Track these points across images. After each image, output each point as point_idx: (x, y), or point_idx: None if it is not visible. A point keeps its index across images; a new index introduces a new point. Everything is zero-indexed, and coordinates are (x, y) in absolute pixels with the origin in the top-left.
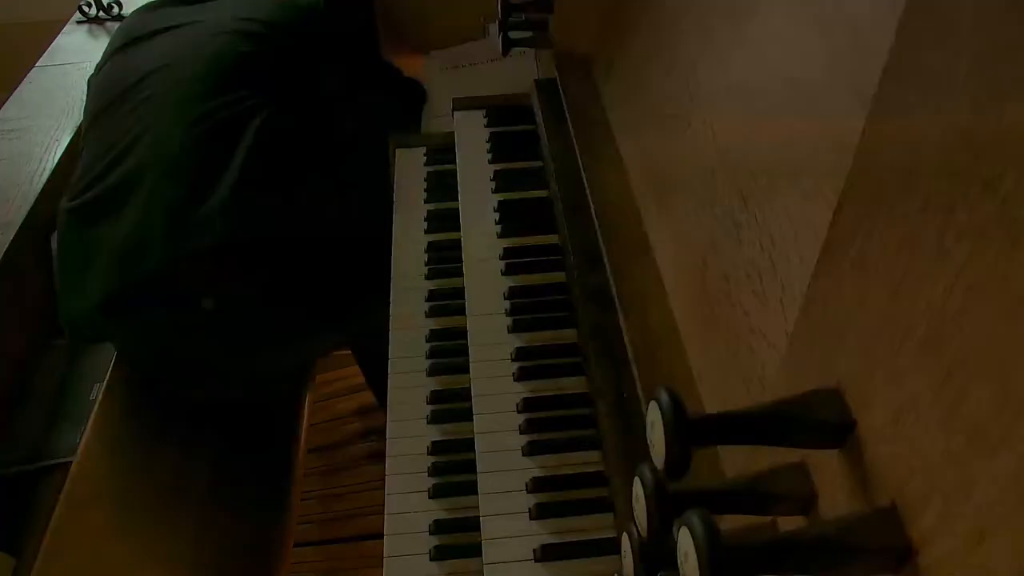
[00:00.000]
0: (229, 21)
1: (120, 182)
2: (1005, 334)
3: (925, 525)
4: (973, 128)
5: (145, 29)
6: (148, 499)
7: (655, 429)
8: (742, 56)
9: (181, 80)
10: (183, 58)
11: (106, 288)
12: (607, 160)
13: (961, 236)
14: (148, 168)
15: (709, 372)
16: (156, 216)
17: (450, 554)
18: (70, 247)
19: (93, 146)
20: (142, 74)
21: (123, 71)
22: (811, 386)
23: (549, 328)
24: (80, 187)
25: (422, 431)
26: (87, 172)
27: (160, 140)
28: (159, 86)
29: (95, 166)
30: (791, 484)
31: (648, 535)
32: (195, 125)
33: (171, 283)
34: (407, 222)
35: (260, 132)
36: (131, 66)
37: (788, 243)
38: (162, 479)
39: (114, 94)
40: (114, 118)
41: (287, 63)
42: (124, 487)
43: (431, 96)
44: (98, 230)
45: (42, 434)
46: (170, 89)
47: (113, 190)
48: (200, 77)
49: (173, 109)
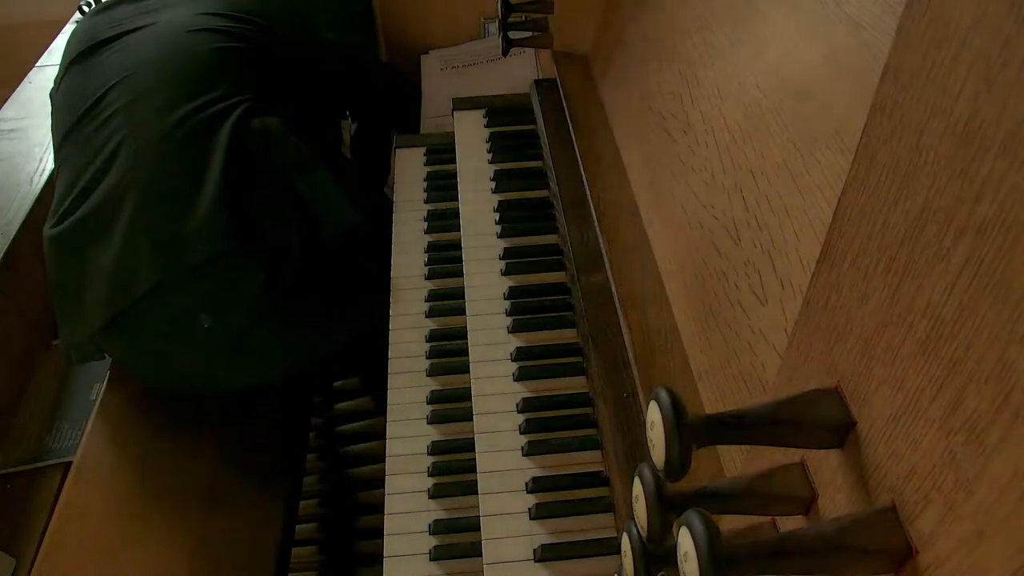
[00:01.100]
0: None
1: (100, 206)
2: (1005, 334)
3: (925, 525)
4: (973, 128)
5: (97, 37)
6: (148, 499)
7: (655, 429)
8: (742, 56)
9: (145, 91)
10: (144, 66)
11: (102, 316)
12: (607, 160)
13: (961, 236)
14: (126, 190)
15: (709, 372)
16: (141, 240)
17: (450, 554)
18: (61, 276)
19: (66, 169)
20: (103, 88)
21: (82, 87)
22: (811, 386)
23: (549, 328)
24: (60, 212)
25: (422, 431)
26: (65, 196)
27: (134, 159)
28: (124, 98)
29: (71, 190)
30: (791, 484)
31: (648, 535)
32: (167, 138)
33: (165, 302)
34: (407, 222)
35: (236, 132)
36: (90, 80)
37: (788, 243)
38: (162, 479)
39: (78, 112)
40: (82, 138)
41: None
42: (124, 487)
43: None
44: (85, 257)
45: (42, 434)
46: (136, 101)
47: (94, 215)
48: (165, 85)
49: (143, 124)
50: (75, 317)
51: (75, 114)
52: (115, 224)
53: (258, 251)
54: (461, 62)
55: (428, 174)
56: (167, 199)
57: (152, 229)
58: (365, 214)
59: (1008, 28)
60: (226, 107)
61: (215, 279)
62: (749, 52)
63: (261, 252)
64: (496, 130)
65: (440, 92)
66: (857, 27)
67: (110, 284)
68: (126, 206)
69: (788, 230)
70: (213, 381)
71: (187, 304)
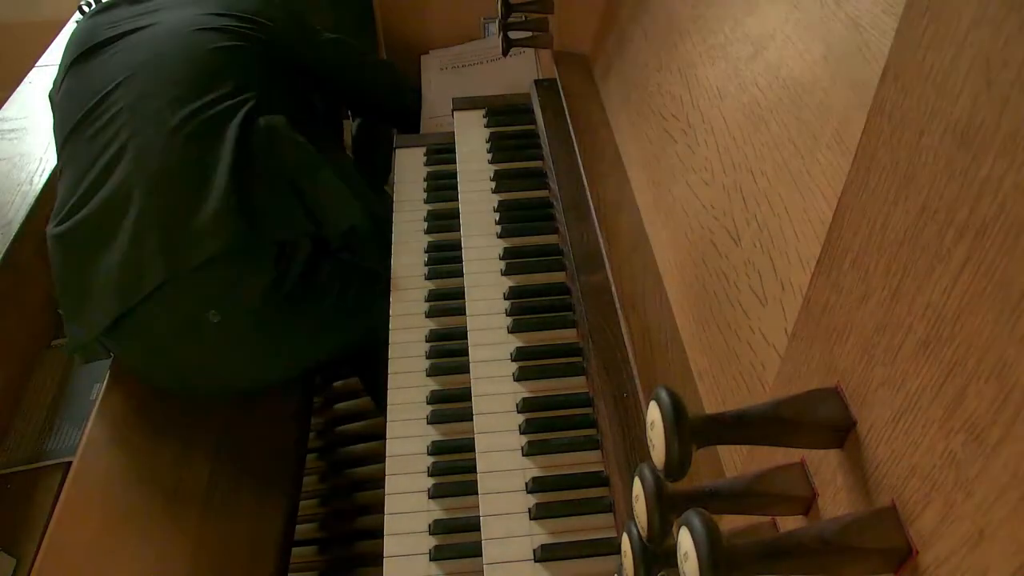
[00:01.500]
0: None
1: (106, 204)
2: (1005, 334)
3: (925, 525)
4: (973, 128)
5: (98, 38)
6: (148, 499)
7: (655, 429)
8: (742, 56)
9: (150, 89)
10: (148, 65)
11: (108, 315)
12: (607, 160)
13: (961, 236)
14: (133, 187)
15: (709, 372)
16: (148, 238)
17: (450, 554)
18: (66, 275)
19: (70, 168)
20: (107, 87)
21: (84, 86)
22: (811, 386)
23: (549, 328)
24: (64, 211)
25: (422, 431)
26: (69, 195)
27: (140, 156)
28: (129, 98)
29: (76, 189)
30: (791, 484)
31: (648, 535)
32: (174, 135)
33: (173, 300)
34: (407, 222)
35: (242, 130)
36: (92, 80)
37: (788, 243)
38: (162, 479)
39: (81, 111)
40: (86, 137)
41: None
42: (124, 487)
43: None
44: (91, 256)
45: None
46: (141, 100)
47: (100, 213)
48: (170, 83)
49: (149, 121)
50: (81, 316)
51: (78, 113)
52: (122, 223)
53: (265, 249)
54: (461, 62)
55: (428, 174)
56: (174, 197)
57: (159, 227)
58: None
59: (1008, 28)
60: (232, 105)
61: (223, 277)
62: (749, 52)
63: (268, 250)
64: (496, 130)
65: (440, 92)
66: (857, 27)
67: (117, 282)
68: (132, 204)
69: (788, 230)
70: (218, 380)
71: (194, 302)
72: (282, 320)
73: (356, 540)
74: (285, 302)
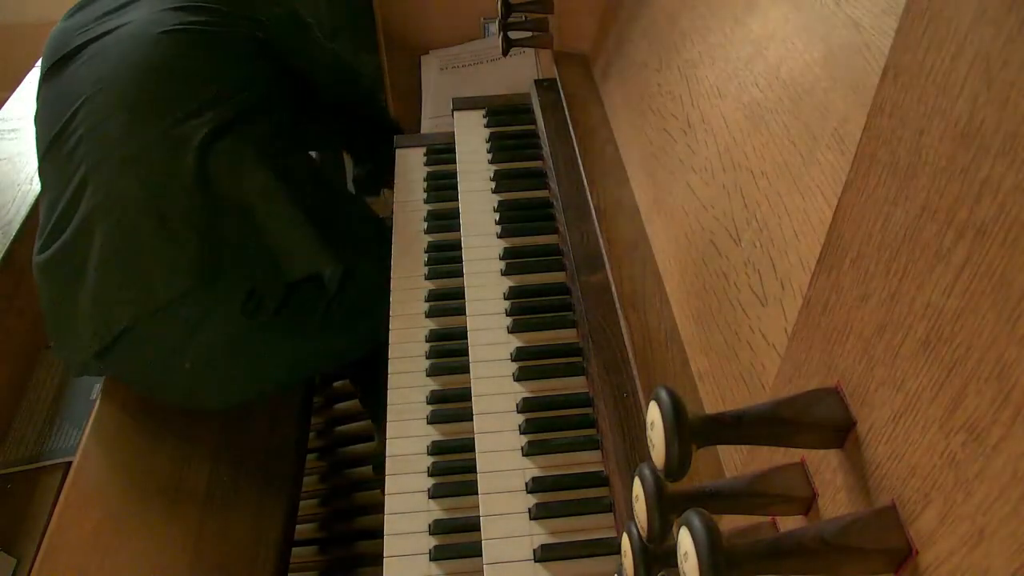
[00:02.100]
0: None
1: (75, 237)
2: (1005, 334)
3: (925, 525)
4: (973, 128)
5: (69, 46)
6: (147, 499)
7: (655, 429)
8: (742, 56)
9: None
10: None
11: (90, 347)
12: (607, 159)
13: (961, 236)
14: (95, 225)
15: (709, 372)
16: (111, 277)
17: (450, 554)
18: (50, 303)
19: (47, 190)
20: (74, 104)
21: (54, 104)
22: (811, 386)
23: (549, 328)
24: (44, 238)
25: (422, 431)
26: (47, 220)
27: (99, 191)
28: (89, 121)
29: (52, 214)
30: (791, 484)
31: (648, 535)
32: (130, 168)
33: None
34: (407, 222)
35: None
36: (62, 94)
37: (788, 243)
38: (162, 479)
39: (53, 131)
40: (57, 163)
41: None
42: (124, 487)
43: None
44: (70, 289)
45: (42, 434)
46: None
47: (71, 246)
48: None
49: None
50: (68, 341)
51: (50, 132)
52: (87, 259)
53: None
54: (461, 62)
55: (428, 174)
56: (130, 235)
57: (119, 268)
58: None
59: (1008, 28)
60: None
61: (184, 318)
62: (749, 52)
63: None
64: (496, 130)
65: (440, 92)
66: (857, 27)
67: (91, 318)
68: (95, 241)
69: (788, 230)
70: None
71: (163, 341)
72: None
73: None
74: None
